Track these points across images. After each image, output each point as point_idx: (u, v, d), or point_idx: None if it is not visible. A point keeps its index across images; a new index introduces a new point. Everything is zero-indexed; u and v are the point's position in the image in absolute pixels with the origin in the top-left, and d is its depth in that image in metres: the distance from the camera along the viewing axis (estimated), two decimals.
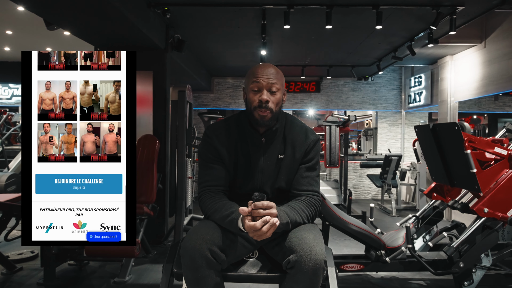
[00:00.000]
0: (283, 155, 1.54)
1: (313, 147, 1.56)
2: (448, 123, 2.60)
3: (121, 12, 3.00)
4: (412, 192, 6.73)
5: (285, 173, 1.53)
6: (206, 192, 1.51)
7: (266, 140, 1.53)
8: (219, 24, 4.26)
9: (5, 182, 5.08)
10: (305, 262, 1.29)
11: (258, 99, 1.45)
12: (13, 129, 6.66)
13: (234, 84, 7.54)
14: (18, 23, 5.22)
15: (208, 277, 1.34)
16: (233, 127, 1.56)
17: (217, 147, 1.53)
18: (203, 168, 1.56)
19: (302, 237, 1.37)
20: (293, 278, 1.33)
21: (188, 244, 1.35)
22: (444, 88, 5.66)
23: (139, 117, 4.00)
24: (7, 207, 2.99)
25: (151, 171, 3.40)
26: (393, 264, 2.57)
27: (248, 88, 1.50)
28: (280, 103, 1.50)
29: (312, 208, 1.50)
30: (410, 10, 3.71)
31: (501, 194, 2.33)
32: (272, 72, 1.48)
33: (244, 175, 1.53)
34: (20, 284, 2.83)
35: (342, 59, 5.93)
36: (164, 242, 3.92)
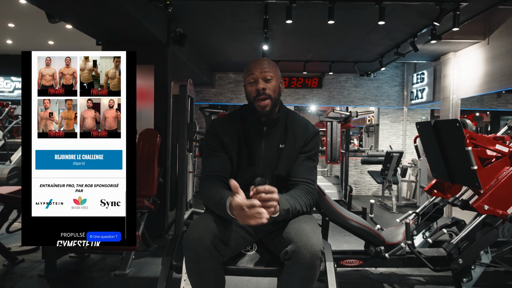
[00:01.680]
0: (283, 145, 1.59)
1: (312, 138, 1.61)
2: (449, 119, 2.59)
3: (123, 6, 2.99)
4: (413, 189, 6.73)
5: (285, 161, 1.57)
6: (206, 179, 1.55)
7: (268, 129, 1.59)
8: (221, 19, 4.24)
9: (7, 175, 5.11)
10: (303, 253, 1.30)
11: (255, 89, 1.53)
12: (15, 122, 6.68)
13: (236, 79, 7.52)
14: (20, 16, 5.21)
15: (210, 268, 1.36)
16: (237, 118, 1.64)
17: (220, 136, 1.58)
18: (206, 157, 1.61)
19: (300, 228, 1.38)
20: (290, 269, 1.34)
21: (191, 235, 1.36)
22: (446, 85, 5.63)
23: (140, 111, 4.01)
24: (9, 199, 3.01)
25: (152, 165, 3.40)
26: (392, 260, 2.58)
27: (246, 83, 1.60)
28: (277, 90, 1.57)
29: (309, 196, 1.52)
30: (413, 5, 3.68)
31: (502, 192, 2.33)
32: (264, 63, 1.56)
33: (246, 162, 1.57)
34: (22, 275, 2.85)
35: (344, 55, 5.90)
36: (164, 236, 3.94)
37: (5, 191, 3.06)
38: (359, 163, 7.40)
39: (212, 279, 1.37)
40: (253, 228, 1.55)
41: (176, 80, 4.24)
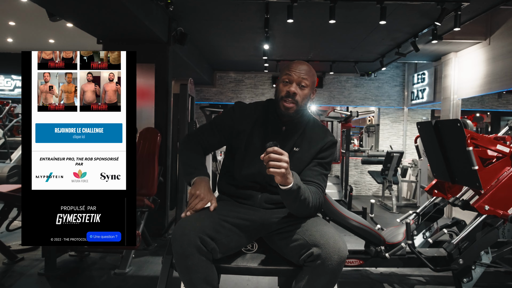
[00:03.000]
0: (298, 148, 1.57)
1: (329, 147, 1.60)
2: (450, 119, 2.59)
3: (124, 4, 2.99)
4: (413, 189, 6.72)
5: (296, 165, 1.54)
6: (193, 138, 1.62)
7: (286, 129, 1.59)
8: (222, 18, 4.24)
9: (8, 173, 5.11)
10: (332, 256, 1.31)
11: (287, 90, 1.52)
12: (16, 121, 6.68)
13: (236, 79, 7.51)
14: (20, 14, 5.21)
15: (199, 264, 1.35)
16: (260, 109, 1.63)
17: (235, 121, 1.59)
18: (208, 126, 1.64)
19: (324, 231, 1.39)
20: (314, 271, 1.34)
21: (178, 231, 1.37)
22: (447, 85, 5.63)
23: (140, 110, 4.00)
24: (9, 197, 3.00)
25: (152, 164, 3.40)
26: (392, 260, 2.58)
27: (280, 79, 1.57)
28: (306, 99, 1.56)
29: (316, 196, 1.49)
30: (415, 5, 3.68)
31: (502, 192, 2.32)
32: (304, 69, 1.55)
33: (254, 155, 1.54)
34: (21, 274, 2.85)
35: (345, 55, 5.90)
36: (164, 234, 3.94)
37: (5, 189, 3.06)
38: (360, 163, 7.40)
39: (201, 275, 1.36)
40: (254, 227, 1.54)
41: (177, 79, 4.24)
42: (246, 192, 1.58)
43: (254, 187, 1.57)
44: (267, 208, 1.57)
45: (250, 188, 1.57)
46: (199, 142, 1.62)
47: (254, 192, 1.57)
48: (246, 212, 1.54)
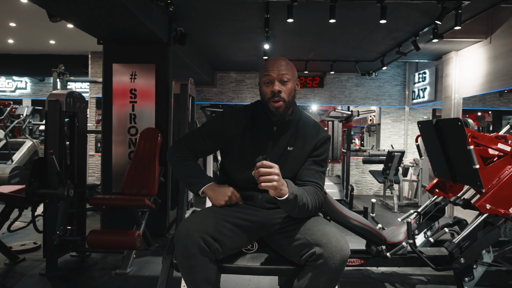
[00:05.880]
0: (292, 148, 1.56)
1: (323, 143, 1.58)
2: (451, 118, 2.58)
3: (124, 5, 2.99)
4: (415, 189, 6.71)
5: (292, 164, 1.54)
6: (183, 144, 1.59)
7: (278, 130, 1.57)
8: (222, 18, 4.24)
9: (9, 174, 5.13)
10: (334, 256, 1.31)
11: (271, 91, 1.50)
12: (17, 122, 6.68)
13: (237, 79, 7.51)
14: (21, 15, 5.21)
15: (201, 265, 1.35)
16: (249, 112, 1.62)
17: (225, 127, 1.58)
18: (197, 132, 1.62)
19: (326, 230, 1.38)
20: (316, 270, 1.34)
21: (181, 232, 1.37)
22: (448, 84, 5.62)
23: (141, 110, 4.00)
24: (11, 198, 3.01)
25: (153, 164, 3.41)
26: (393, 259, 2.57)
27: (261, 82, 1.56)
28: (292, 93, 1.54)
29: (315, 197, 1.49)
30: (415, 4, 3.67)
31: (504, 191, 2.32)
32: (282, 64, 1.52)
33: (249, 159, 1.53)
34: (23, 274, 2.86)
35: (345, 54, 5.89)
36: (165, 235, 3.94)
37: (6, 190, 3.07)
38: (361, 162, 7.39)
39: (203, 275, 1.36)
40: (256, 227, 1.54)
41: (177, 79, 4.24)
42: (247, 192, 1.58)
43: (254, 188, 1.57)
44: (268, 208, 1.57)
45: (251, 189, 1.57)
46: (190, 149, 1.59)
47: (254, 192, 1.57)
48: (247, 213, 1.54)
